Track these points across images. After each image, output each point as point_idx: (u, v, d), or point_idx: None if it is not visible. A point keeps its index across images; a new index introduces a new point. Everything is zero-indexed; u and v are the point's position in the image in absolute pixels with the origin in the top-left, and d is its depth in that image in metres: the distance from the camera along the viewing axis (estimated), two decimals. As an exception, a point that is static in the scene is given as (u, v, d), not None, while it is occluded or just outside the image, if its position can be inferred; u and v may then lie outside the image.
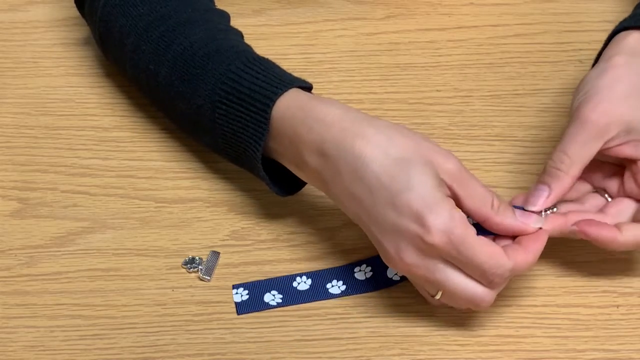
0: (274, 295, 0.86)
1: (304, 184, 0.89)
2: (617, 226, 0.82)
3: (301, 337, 0.85)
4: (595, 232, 0.82)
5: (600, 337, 0.84)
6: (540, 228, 0.82)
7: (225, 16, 0.97)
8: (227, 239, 0.91)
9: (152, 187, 0.95)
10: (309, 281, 0.87)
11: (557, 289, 0.87)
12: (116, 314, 0.87)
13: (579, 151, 0.83)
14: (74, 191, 0.95)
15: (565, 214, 0.84)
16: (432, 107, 1.00)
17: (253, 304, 0.86)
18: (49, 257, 0.90)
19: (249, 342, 0.85)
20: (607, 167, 0.87)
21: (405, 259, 0.79)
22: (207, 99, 0.89)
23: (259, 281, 0.87)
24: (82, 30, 1.07)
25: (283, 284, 0.87)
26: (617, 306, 0.86)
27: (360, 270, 0.88)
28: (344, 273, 0.87)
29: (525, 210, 0.82)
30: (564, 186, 0.83)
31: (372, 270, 0.87)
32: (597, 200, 0.87)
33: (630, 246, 0.82)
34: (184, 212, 0.93)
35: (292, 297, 0.86)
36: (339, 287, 0.87)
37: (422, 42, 1.06)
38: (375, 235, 0.81)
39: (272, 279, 0.87)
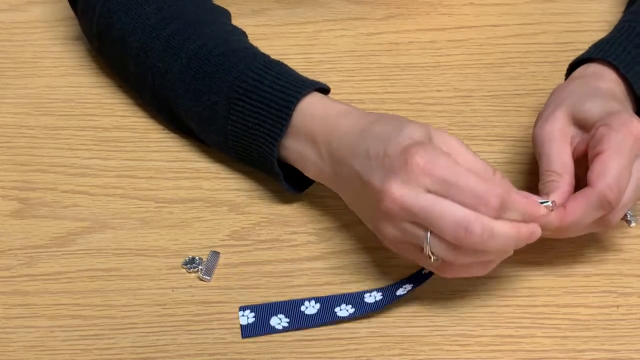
0: (280, 319, 0.84)
1: (312, 181, 0.90)
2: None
3: (301, 337, 0.85)
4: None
5: (600, 337, 0.84)
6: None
7: (227, 15, 0.99)
8: (227, 239, 0.91)
9: (152, 187, 0.95)
10: (317, 305, 0.85)
11: (557, 289, 0.87)
12: (116, 314, 0.87)
13: (558, 161, 0.84)
14: (74, 191, 0.95)
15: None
16: (432, 107, 1.00)
17: (259, 327, 0.84)
18: (49, 257, 0.90)
19: (249, 342, 0.85)
20: None
21: (391, 189, 0.79)
22: (223, 95, 0.90)
23: (265, 304, 0.85)
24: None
25: (290, 308, 0.85)
26: (617, 306, 0.86)
27: (370, 296, 0.86)
28: (354, 298, 0.86)
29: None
30: (564, 192, 0.84)
31: (382, 295, 0.86)
32: None
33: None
34: (184, 212, 0.93)
35: (299, 320, 0.84)
36: (347, 310, 0.85)
37: (422, 42, 1.06)
38: (365, 180, 0.82)
39: (279, 302, 0.86)
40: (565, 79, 0.92)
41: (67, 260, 0.90)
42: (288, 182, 0.90)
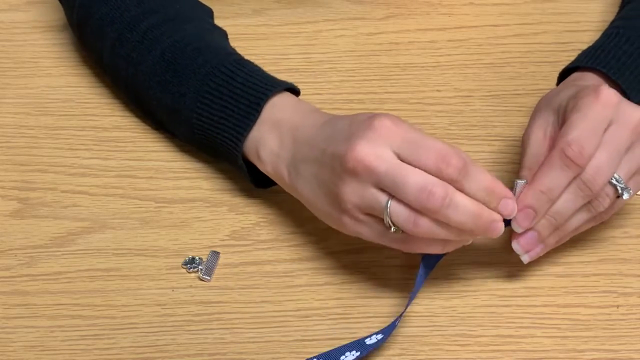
0: None
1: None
2: None
3: (301, 337, 0.85)
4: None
5: (600, 337, 0.84)
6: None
7: (209, 13, 1.00)
8: (227, 239, 0.91)
9: (152, 187, 0.95)
10: None
11: (557, 289, 0.87)
12: (116, 314, 0.87)
13: (531, 155, 0.85)
14: (74, 191, 0.95)
15: None
16: (432, 107, 1.01)
17: None
18: (49, 257, 0.90)
19: (249, 342, 0.85)
20: None
21: (356, 148, 0.79)
22: (192, 88, 0.91)
23: None
24: (82, 30, 1.07)
25: None
26: (617, 306, 0.86)
27: (371, 338, 0.82)
28: (356, 343, 0.82)
29: None
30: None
31: (382, 334, 0.82)
32: None
33: None
34: (184, 212, 0.93)
35: None
36: (353, 354, 0.81)
37: (422, 42, 1.06)
38: (329, 152, 0.82)
39: None
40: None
41: (67, 260, 0.90)
42: (253, 176, 0.91)
